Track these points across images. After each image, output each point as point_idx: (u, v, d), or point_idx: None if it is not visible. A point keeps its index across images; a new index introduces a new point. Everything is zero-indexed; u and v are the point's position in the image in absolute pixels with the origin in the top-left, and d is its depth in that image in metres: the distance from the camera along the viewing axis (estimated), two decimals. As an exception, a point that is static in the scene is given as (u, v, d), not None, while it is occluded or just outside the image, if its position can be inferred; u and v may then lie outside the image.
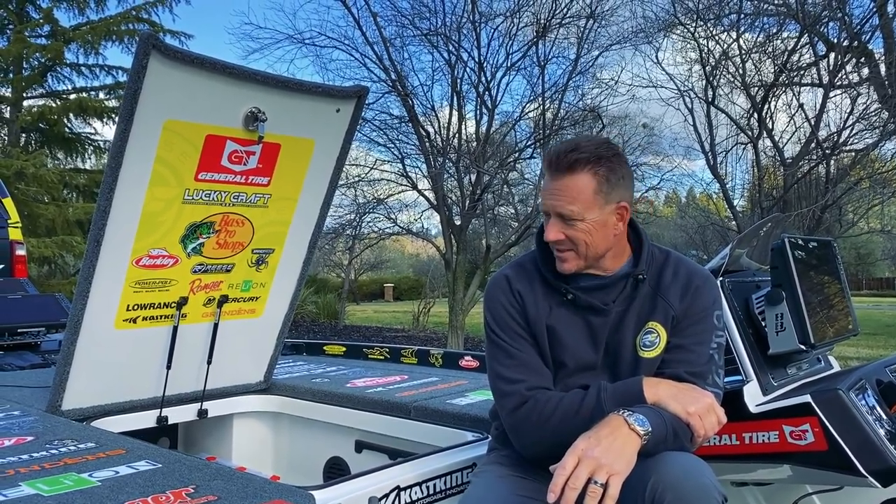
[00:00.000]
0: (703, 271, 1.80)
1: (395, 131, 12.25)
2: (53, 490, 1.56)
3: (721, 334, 1.75)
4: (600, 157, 1.66)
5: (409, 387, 2.91)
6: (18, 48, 16.37)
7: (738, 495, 2.20)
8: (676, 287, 1.75)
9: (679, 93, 12.21)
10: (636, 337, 1.73)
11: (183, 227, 2.27)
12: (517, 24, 11.57)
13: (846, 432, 1.76)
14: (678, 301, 1.73)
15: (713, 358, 1.71)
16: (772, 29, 11.44)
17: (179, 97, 2.05)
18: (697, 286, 1.75)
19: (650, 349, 1.72)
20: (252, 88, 2.16)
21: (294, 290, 2.75)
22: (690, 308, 1.73)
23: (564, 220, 1.68)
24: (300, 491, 1.58)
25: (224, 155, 2.21)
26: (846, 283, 2.32)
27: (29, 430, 2.17)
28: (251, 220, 2.42)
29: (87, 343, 2.24)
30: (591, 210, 1.66)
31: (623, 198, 1.70)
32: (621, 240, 1.76)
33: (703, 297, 1.74)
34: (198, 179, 2.21)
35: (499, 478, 1.75)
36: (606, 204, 1.67)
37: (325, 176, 2.55)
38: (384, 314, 20.77)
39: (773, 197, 11.68)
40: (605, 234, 1.70)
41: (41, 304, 4.14)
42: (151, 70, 1.94)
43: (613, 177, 1.67)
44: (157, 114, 2.03)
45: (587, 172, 1.65)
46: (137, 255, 2.22)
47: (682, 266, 1.79)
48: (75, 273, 16.96)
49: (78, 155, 18.46)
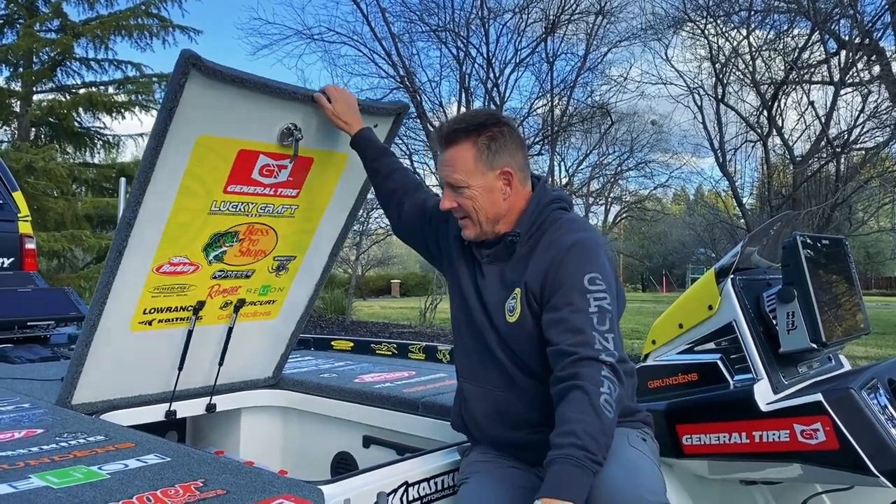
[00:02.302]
0: (572, 237, 1.75)
1: (403, 127, 12.24)
2: (63, 482, 1.56)
3: (602, 296, 1.66)
4: (479, 125, 1.78)
5: (417, 382, 2.91)
6: (28, 42, 16.43)
7: (747, 494, 2.19)
8: (543, 254, 1.75)
9: (688, 90, 12.20)
10: (506, 298, 1.78)
11: (207, 237, 2.24)
12: (526, 20, 11.59)
13: (858, 431, 1.75)
14: (541, 268, 1.73)
15: (593, 323, 1.63)
16: (782, 26, 11.40)
17: (215, 113, 2.00)
18: (560, 252, 1.72)
19: (511, 314, 1.76)
20: (290, 105, 2.11)
21: (311, 294, 2.72)
22: (556, 275, 1.70)
23: (454, 189, 1.81)
24: (308, 485, 1.58)
25: (255, 168, 2.17)
26: (857, 282, 2.30)
27: (39, 422, 2.17)
28: (276, 230, 2.38)
29: (101, 344, 2.23)
30: (474, 177, 1.77)
31: (507, 163, 1.79)
32: (515, 204, 1.82)
33: (568, 263, 1.70)
34: (226, 192, 2.17)
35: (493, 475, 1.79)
36: (489, 170, 1.78)
37: (355, 188, 2.51)
38: (391, 310, 20.78)
39: (783, 195, 11.64)
40: (493, 200, 1.79)
41: (51, 298, 4.15)
42: (189, 89, 1.88)
43: (494, 144, 1.77)
44: (190, 130, 1.98)
45: (467, 142, 1.78)
46: (159, 262, 2.19)
47: (558, 232, 1.78)
48: (84, 267, 17.06)
49: (87, 149, 18.53)
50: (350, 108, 2.18)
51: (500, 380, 1.82)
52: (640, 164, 14.19)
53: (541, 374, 1.73)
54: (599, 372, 1.56)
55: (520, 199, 1.83)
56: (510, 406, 1.81)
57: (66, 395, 2.28)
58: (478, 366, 1.87)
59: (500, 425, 1.83)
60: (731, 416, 1.94)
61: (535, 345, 1.72)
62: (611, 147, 13.84)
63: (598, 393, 1.54)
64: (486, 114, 1.85)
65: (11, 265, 4.97)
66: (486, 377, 1.85)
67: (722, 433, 1.94)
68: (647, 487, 1.54)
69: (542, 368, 1.72)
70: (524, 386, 1.78)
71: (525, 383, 1.78)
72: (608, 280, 1.70)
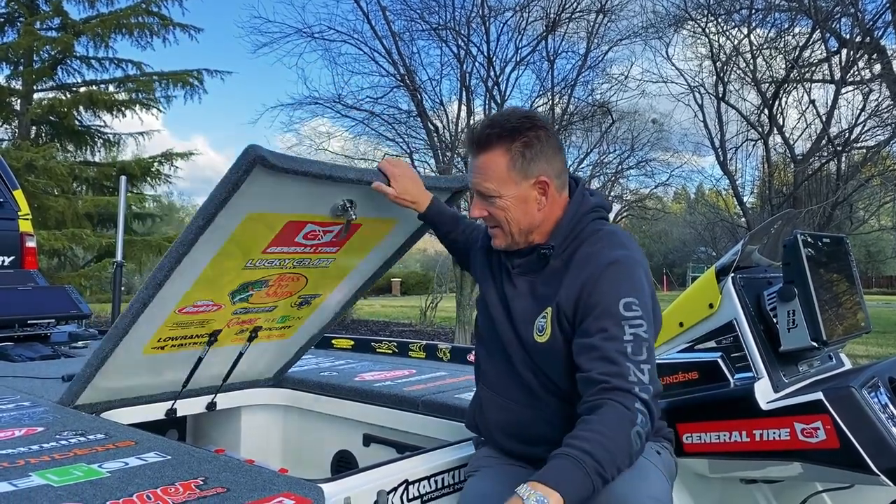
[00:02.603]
0: (610, 254, 1.63)
1: (404, 126, 12.28)
2: (63, 481, 1.56)
3: (638, 323, 1.55)
4: (514, 131, 1.65)
5: (418, 381, 2.91)
6: (29, 41, 16.43)
7: (747, 492, 2.19)
8: (578, 270, 1.63)
9: (689, 88, 12.19)
10: (536, 316, 1.69)
11: (236, 285, 2.20)
12: (527, 18, 11.56)
13: (858, 430, 1.74)
14: (575, 287, 1.61)
15: (627, 353, 1.52)
16: (783, 24, 11.38)
17: (269, 196, 1.91)
18: (596, 270, 1.60)
19: (541, 334, 1.67)
20: (349, 185, 2.01)
21: (329, 320, 2.68)
22: (591, 297, 1.58)
23: (484, 198, 1.70)
24: (309, 484, 1.58)
25: (300, 234, 2.11)
26: (858, 281, 2.30)
27: (39, 420, 2.17)
28: (307, 277, 2.33)
29: (111, 367, 2.22)
30: (507, 187, 1.66)
31: (543, 171, 1.67)
32: (551, 214, 1.71)
33: (604, 284, 1.58)
34: (265, 252, 2.11)
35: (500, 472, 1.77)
36: (524, 179, 1.66)
37: (396, 245, 2.45)
38: (391, 309, 20.79)
39: (784, 194, 11.63)
40: (527, 210, 1.68)
41: (51, 296, 4.16)
42: (248, 182, 1.78)
43: (529, 152, 1.65)
44: (241, 208, 1.89)
45: (500, 148, 1.65)
46: (182, 305, 2.15)
47: (596, 246, 1.67)
48: (84, 265, 17.05)
49: (88, 148, 18.52)
50: (414, 185, 2.04)
51: (521, 394, 1.75)
52: (641, 163, 14.17)
53: (565, 393, 1.66)
54: (633, 403, 1.47)
55: (556, 209, 1.72)
56: (529, 422, 1.74)
57: (69, 401, 2.28)
58: (498, 376, 1.80)
59: (516, 440, 1.77)
60: (731, 415, 1.93)
61: (564, 365, 1.64)
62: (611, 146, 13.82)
63: (631, 422, 1.45)
64: (521, 116, 1.70)
65: (12, 263, 4.98)
66: (505, 389, 1.78)
67: (722, 432, 1.94)
68: (650, 494, 1.48)
69: (567, 387, 1.65)
70: (546, 402, 1.71)
71: (547, 400, 1.71)
72: (645, 304, 1.59)
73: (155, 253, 17.73)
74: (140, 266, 18.94)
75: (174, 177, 19.15)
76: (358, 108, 12.09)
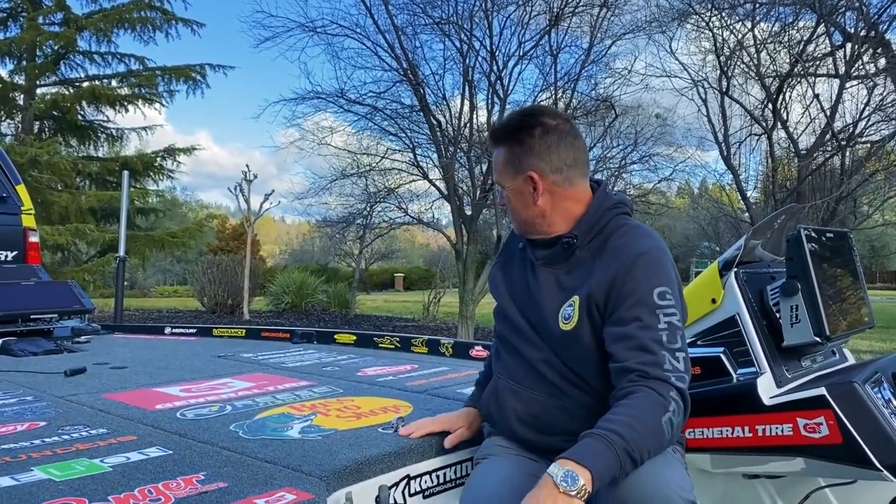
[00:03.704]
0: (640, 245, 1.66)
1: (407, 120, 12.22)
2: (65, 475, 1.57)
3: (671, 311, 1.59)
4: (514, 129, 1.78)
5: (420, 376, 2.91)
6: (32, 36, 16.45)
7: (749, 488, 2.19)
8: (609, 261, 1.66)
9: (693, 83, 12.13)
10: (562, 305, 1.71)
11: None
12: (529, 12, 11.50)
13: (861, 425, 1.74)
14: (607, 276, 1.64)
15: (662, 341, 1.56)
16: (787, 18, 11.33)
17: None
18: (627, 260, 1.63)
19: (567, 322, 1.69)
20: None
21: None
22: (624, 286, 1.61)
23: (500, 189, 1.85)
24: (310, 479, 1.58)
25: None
26: (862, 276, 2.29)
27: (41, 415, 2.18)
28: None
29: None
30: (506, 180, 1.80)
31: (533, 167, 1.75)
32: (559, 206, 1.76)
33: (637, 274, 1.61)
34: None
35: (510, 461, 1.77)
36: (517, 174, 1.77)
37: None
38: (394, 304, 20.81)
39: (787, 188, 11.60)
40: (524, 203, 1.78)
41: (54, 291, 4.16)
42: None
43: (519, 148, 1.76)
44: None
45: (503, 145, 1.80)
46: None
47: (625, 238, 1.70)
48: (88, 260, 17.10)
49: (91, 143, 18.58)
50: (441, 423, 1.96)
51: (542, 385, 1.75)
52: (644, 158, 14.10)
53: (587, 384, 1.68)
54: (668, 392, 1.51)
55: (566, 202, 1.75)
56: (549, 412, 1.74)
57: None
58: (518, 366, 1.81)
59: (534, 429, 1.77)
60: (734, 410, 1.93)
61: (588, 354, 1.66)
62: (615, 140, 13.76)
63: (663, 408, 1.49)
64: (523, 114, 1.80)
65: (15, 258, 4.98)
66: (525, 380, 1.78)
67: (725, 427, 1.94)
68: (677, 484, 1.49)
69: (591, 378, 1.67)
70: (566, 392, 1.72)
71: (567, 390, 1.71)
72: (675, 293, 1.62)
73: (158, 248, 17.80)
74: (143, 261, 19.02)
75: (177, 171, 19.26)
76: (361, 102, 12.05)
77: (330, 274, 21.93)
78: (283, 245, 51.37)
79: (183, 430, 1.98)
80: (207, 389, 2.64)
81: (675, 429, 1.52)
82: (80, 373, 2.95)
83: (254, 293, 16.46)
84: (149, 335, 4.73)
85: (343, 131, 15.47)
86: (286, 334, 4.35)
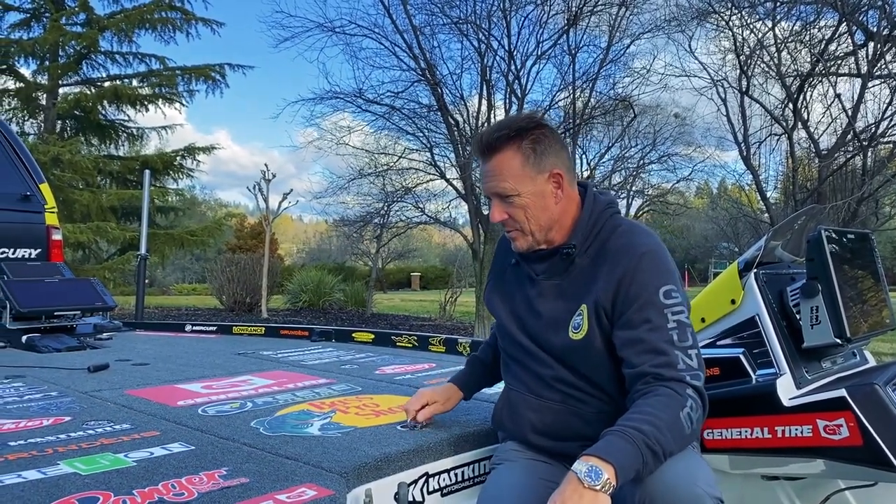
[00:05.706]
0: (640, 245, 1.67)
1: (424, 120, 12.25)
2: (90, 469, 1.60)
3: (679, 309, 1.61)
4: (521, 130, 1.71)
5: (438, 374, 2.92)
6: (55, 36, 16.64)
7: (768, 489, 2.18)
8: (612, 265, 1.66)
9: (712, 82, 12.04)
10: (571, 316, 1.71)
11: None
12: (548, 11, 11.50)
13: (882, 427, 1.73)
14: (612, 281, 1.64)
15: (674, 340, 1.58)
16: (809, 17, 11.21)
17: None
18: (631, 262, 1.63)
19: (577, 331, 1.69)
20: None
21: None
22: (630, 289, 1.62)
23: (503, 199, 1.73)
24: (330, 475, 1.59)
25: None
26: (884, 277, 2.28)
27: (66, 410, 2.22)
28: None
29: None
30: (524, 183, 1.70)
31: (555, 165, 1.72)
32: (567, 209, 1.75)
33: (641, 275, 1.62)
34: None
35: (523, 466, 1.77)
36: (538, 174, 1.71)
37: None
38: (411, 303, 20.84)
39: (808, 189, 11.48)
40: (546, 205, 1.72)
41: (77, 288, 4.22)
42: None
43: (539, 146, 1.70)
44: None
45: (511, 148, 1.70)
46: None
47: (622, 239, 1.70)
48: (108, 258, 17.28)
49: (112, 142, 18.76)
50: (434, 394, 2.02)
51: (554, 393, 1.76)
52: (663, 158, 14.04)
53: (602, 391, 1.69)
54: (685, 390, 1.53)
55: (571, 204, 1.76)
56: (565, 420, 1.75)
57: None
58: (530, 379, 1.81)
59: (549, 437, 1.78)
60: (753, 411, 1.92)
61: (601, 360, 1.67)
62: (633, 140, 13.71)
63: (680, 404, 1.51)
64: (525, 118, 1.76)
65: (38, 256, 5.05)
66: (537, 389, 1.79)
67: (744, 428, 1.93)
68: (704, 480, 1.50)
69: (605, 384, 1.69)
70: (579, 399, 1.73)
71: (584, 399, 1.72)
72: (681, 290, 1.63)
73: (178, 246, 17.93)
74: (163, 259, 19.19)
75: (196, 170, 19.39)
76: (379, 102, 12.10)
77: (347, 273, 21.98)
78: (301, 244, 51.59)
79: (205, 426, 2.01)
80: (228, 386, 2.67)
81: (695, 424, 1.53)
82: (103, 369, 3.00)
83: (272, 291, 16.54)
84: (169, 332, 4.78)
85: (361, 131, 15.51)
86: (305, 332, 4.38)
